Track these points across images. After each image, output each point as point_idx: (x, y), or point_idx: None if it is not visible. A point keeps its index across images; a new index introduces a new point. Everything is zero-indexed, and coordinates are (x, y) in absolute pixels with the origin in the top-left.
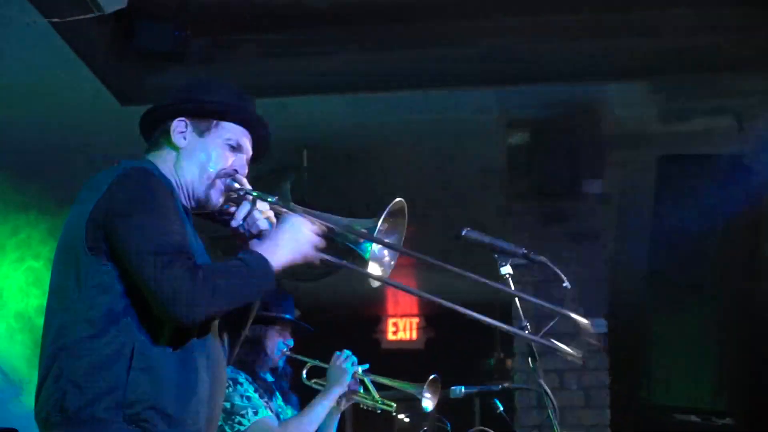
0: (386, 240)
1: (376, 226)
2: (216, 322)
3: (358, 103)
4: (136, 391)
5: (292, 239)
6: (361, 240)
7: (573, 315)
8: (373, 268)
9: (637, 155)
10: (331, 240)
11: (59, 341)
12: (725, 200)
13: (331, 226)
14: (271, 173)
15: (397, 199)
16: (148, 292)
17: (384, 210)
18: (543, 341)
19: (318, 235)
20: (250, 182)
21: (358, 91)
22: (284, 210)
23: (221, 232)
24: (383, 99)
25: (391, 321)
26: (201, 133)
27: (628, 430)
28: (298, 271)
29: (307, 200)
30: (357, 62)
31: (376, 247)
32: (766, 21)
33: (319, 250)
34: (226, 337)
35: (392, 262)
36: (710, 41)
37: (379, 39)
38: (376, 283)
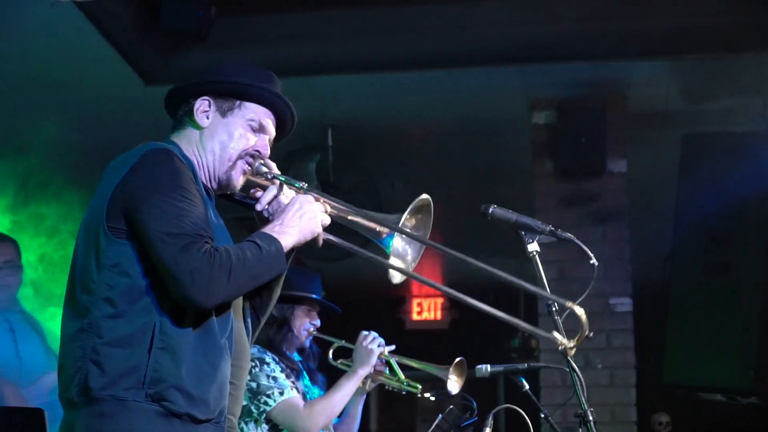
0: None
1: (400, 220)
2: (239, 302)
3: (382, 81)
4: (158, 370)
5: (299, 217)
6: (384, 234)
7: (564, 302)
8: (395, 263)
9: (661, 134)
10: (355, 232)
11: (81, 321)
12: (750, 179)
13: (355, 217)
14: (297, 153)
15: (423, 196)
16: (166, 274)
17: (409, 206)
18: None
19: (326, 212)
20: (279, 162)
21: (382, 70)
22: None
23: (246, 213)
24: (408, 78)
25: (415, 301)
26: (224, 113)
27: (653, 409)
28: (322, 251)
29: (332, 179)
30: (382, 41)
31: (399, 243)
32: None
33: (329, 232)
34: (248, 319)
35: (414, 261)
36: (735, 20)
37: (404, 18)
38: (396, 279)
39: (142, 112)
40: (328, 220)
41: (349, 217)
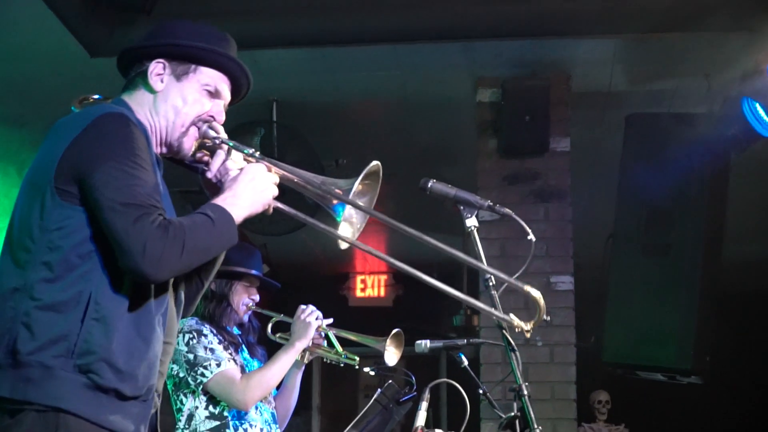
0: (359, 202)
1: (352, 188)
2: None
3: (327, 57)
4: (89, 341)
5: (251, 188)
6: (334, 202)
7: (524, 285)
8: (343, 229)
9: (604, 114)
10: (302, 198)
11: (16, 280)
12: (692, 160)
13: (305, 184)
14: (241, 127)
15: (374, 162)
16: (117, 245)
17: (361, 173)
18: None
19: (277, 184)
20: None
21: (327, 45)
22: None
23: (193, 187)
24: (353, 53)
25: (359, 278)
26: (179, 77)
27: (593, 387)
28: (266, 226)
29: (276, 155)
30: (327, 16)
31: (348, 209)
32: None
33: (278, 200)
34: (183, 292)
35: (361, 225)
36: (680, 0)
37: None
38: (344, 245)
39: (87, 85)
40: (276, 192)
41: (300, 183)
